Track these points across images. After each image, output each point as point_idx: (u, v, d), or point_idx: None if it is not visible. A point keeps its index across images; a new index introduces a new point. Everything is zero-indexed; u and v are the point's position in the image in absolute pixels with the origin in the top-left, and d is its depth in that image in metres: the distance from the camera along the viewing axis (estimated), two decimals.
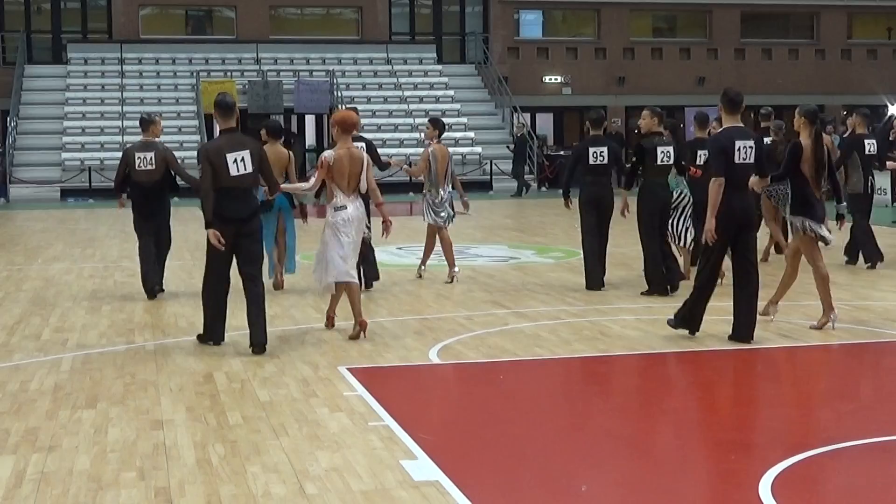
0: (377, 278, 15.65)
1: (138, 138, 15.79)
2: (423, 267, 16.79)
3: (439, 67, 45.83)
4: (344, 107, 40.90)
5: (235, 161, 11.30)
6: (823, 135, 12.18)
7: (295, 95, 41.61)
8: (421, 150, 38.79)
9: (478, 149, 40.52)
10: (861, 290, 15.05)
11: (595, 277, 15.18)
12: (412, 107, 42.69)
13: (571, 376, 10.78)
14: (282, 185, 12.99)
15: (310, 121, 46.15)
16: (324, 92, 42.03)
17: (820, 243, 12.29)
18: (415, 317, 13.40)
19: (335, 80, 42.71)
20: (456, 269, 16.30)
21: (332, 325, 12.64)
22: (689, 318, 11.84)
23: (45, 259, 19.73)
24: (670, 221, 14.96)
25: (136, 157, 14.96)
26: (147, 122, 15.32)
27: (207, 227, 11.36)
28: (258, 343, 11.34)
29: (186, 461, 7.67)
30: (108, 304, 14.59)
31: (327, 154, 11.97)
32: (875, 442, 8.16)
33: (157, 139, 15.35)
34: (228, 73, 42.87)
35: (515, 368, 10.75)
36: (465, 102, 43.71)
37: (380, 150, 40.69)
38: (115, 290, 15.70)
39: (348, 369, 10.43)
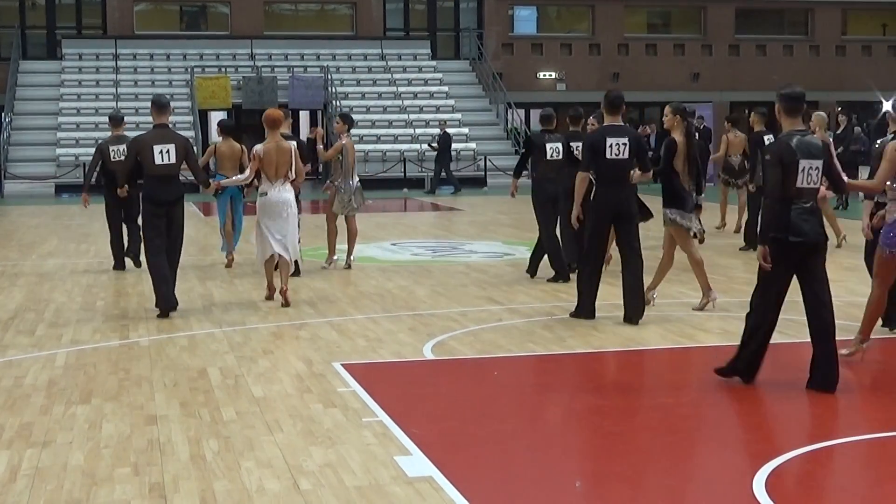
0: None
1: (129, 133, 17.58)
2: (337, 257, 17.48)
3: (434, 63, 45.83)
4: (339, 103, 41.11)
5: (161, 152, 13.12)
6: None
7: (289, 91, 41.59)
8: (416, 146, 38.86)
9: (472, 145, 40.51)
10: (853, 286, 15.07)
11: (562, 266, 15.80)
12: (406, 103, 42.69)
13: (565, 372, 10.79)
14: (222, 182, 14.95)
15: (304, 116, 46.14)
16: (318, 88, 42.02)
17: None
18: (408, 313, 13.41)
19: (329, 76, 42.72)
20: (335, 257, 17.36)
21: (272, 297, 14.14)
22: (584, 305, 12.76)
23: (39, 255, 19.73)
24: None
25: (110, 150, 16.94)
26: (118, 119, 17.54)
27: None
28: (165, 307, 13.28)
29: (180, 457, 7.68)
30: (102, 299, 14.60)
31: (258, 147, 13.75)
32: (869, 438, 8.18)
33: (125, 134, 17.33)
34: (223, 69, 42.85)
35: (509, 364, 10.76)
36: (460, 98, 43.72)
37: (374, 146, 40.78)
38: (109, 286, 15.71)
39: (342, 365, 10.44)
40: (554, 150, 15.59)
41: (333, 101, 41.90)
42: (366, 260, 18.45)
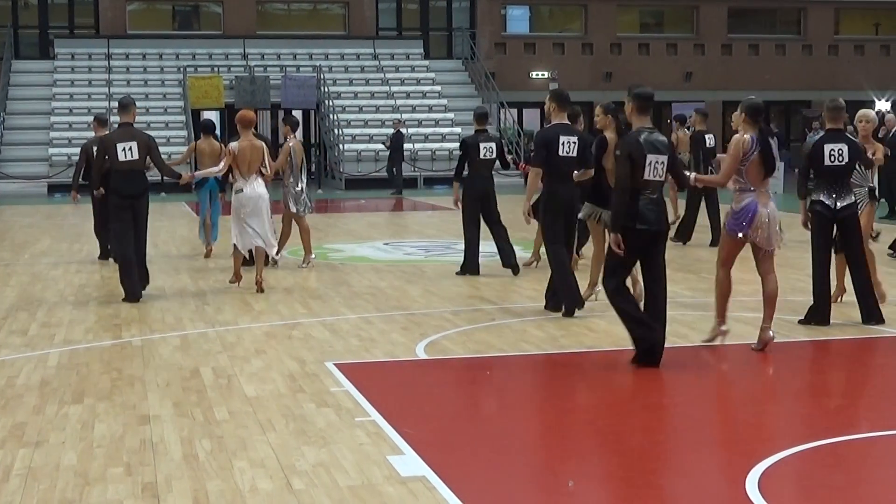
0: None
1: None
2: (282, 254, 17.65)
3: (426, 63, 45.82)
4: (331, 103, 41.10)
5: (124, 149, 14.10)
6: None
7: (282, 91, 41.55)
8: (408, 146, 38.81)
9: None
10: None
11: (472, 264, 16.43)
12: (399, 102, 42.67)
13: (558, 372, 10.79)
14: (196, 172, 16.74)
15: (297, 116, 46.03)
16: (311, 87, 41.98)
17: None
18: (401, 312, 13.41)
19: (322, 76, 42.68)
20: (312, 255, 17.58)
21: (237, 281, 15.27)
22: (564, 294, 13.03)
23: (32, 254, 19.71)
24: None
25: (93, 150, 17.12)
26: (103, 121, 18.57)
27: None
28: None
29: (173, 456, 7.67)
30: (94, 299, 14.59)
31: (233, 144, 14.82)
32: (862, 438, 8.19)
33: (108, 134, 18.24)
34: (215, 69, 42.82)
35: (502, 364, 10.76)
36: (452, 98, 43.70)
37: (366, 146, 40.64)
38: (101, 286, 15.69)
39: (335, 365, 10.43)
40: (487, 149, 16.25)
41: (326, 101, 41.88)
42: (359, 259, 18.46)
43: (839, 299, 13.12)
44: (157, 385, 9.79)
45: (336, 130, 40.31)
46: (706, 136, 20.31)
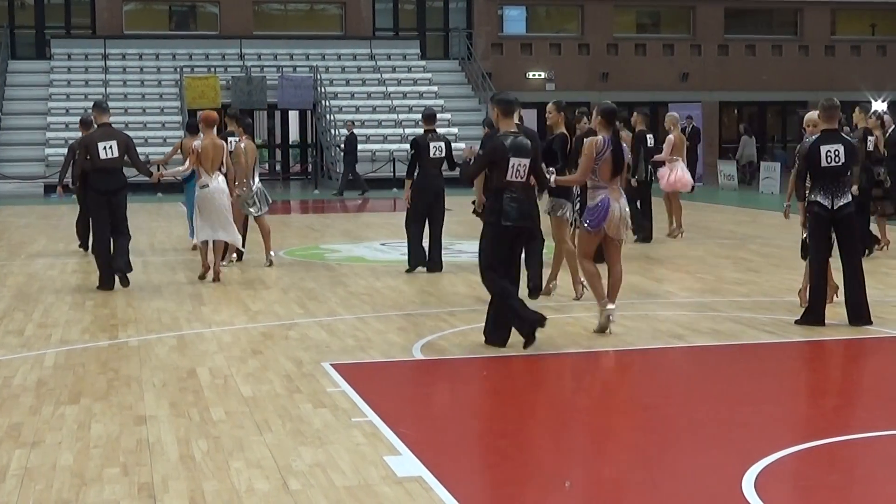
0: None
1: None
2: (278, 253, 18.22)
3: (423, 63, 45.79)
4: (328, 103, 41.10)
5: (105, 148, 14.94)
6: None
7: (278, 91, 41.53)
8: (405, 146, 38.75)
9: (461, 144, 40.42)
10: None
11: (419, 256, 16.84)
12: (396, 103, 42.66)
13: (555, 372, 10.79)
14: (164, 171, 17.60)
15: (293, 116, 46.09)
16: (307, 87, 41.97)
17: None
18: (398, 312, 13.41)
19: (319, 76, 42.67)
20: (272, 254, 17.67)
21: (206, 275, 15.93)
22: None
23: (28, 255, 19.69)
24: None
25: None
26: (89, 122, 18.01)
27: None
28: (121, 275, 15.09)
29: (170, 457, 7.67)
30: (91, 299, 14.58)
31: (196, 143, 15.72)
32: (858, 438, 8.20)
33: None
34: (212, 69, 42.79)
35: (498, 364, 10.76)
36: (449, 98, 43.68)
37: (363, 146, 40.58)
38: (98, 286, 15.67)
39: (332, 365, 10.43)
40: (436, 148, 16.61)
41: (322, 101, 41.87)
42: (355, 260, 18.45)
43: (832, 298, 13.11)
44: (153, 385, 9.78)
45: (332, 131, 40.29)
46: (647, 136, 21.05)
